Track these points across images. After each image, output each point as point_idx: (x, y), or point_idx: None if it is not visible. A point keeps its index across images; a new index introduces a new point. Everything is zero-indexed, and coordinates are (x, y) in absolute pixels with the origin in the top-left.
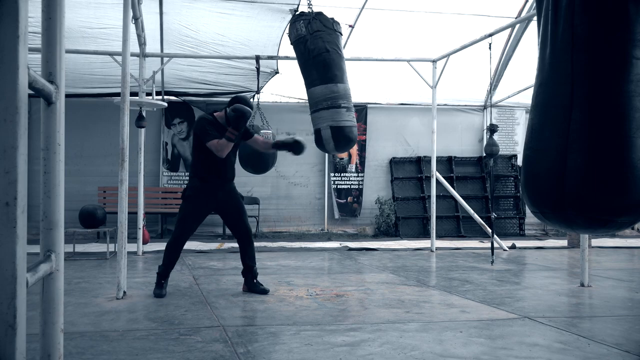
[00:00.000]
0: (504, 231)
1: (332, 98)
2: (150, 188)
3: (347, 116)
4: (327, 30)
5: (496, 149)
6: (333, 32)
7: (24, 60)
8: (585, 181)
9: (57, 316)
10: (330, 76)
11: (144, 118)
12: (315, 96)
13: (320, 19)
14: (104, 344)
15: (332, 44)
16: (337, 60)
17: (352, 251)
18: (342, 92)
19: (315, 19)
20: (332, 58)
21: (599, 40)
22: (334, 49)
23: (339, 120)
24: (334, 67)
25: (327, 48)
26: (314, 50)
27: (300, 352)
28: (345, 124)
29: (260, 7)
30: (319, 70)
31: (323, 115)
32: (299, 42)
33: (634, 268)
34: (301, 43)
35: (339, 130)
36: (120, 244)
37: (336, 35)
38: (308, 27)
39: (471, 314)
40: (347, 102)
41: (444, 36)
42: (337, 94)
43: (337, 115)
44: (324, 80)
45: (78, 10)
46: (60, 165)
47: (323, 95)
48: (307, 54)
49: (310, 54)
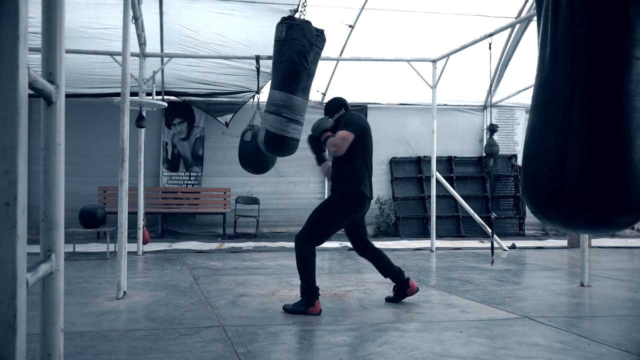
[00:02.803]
0: (504, 231)
1: (279, 105)
2: (150, 188)
3: (285, 126)
4: (304, 41)
5: (496, 149)
6: (309, 45)
7: (24, 60)
8: (585, 181)
9: (57, 316)
10: (287, 85)
11: (144, 118)
12: (270, 98)
13: (303, 27)
14: (104, 344)
15: (300, 56)
16: (299, 72)
17: (352, 251)
18: (289, 103)
19: (299, 26)
20: (295, 69)
21: (599, 40)
22: (301, 61)
23: (277, 128)
24: (292, 78)
25: (294, 59)
26: (283, 55)
27: (300, 352)
28: (280, 132)
29: (260, 7)
30: (280, 76)
31: (267, 118)
32: (277, 43)
33: (634, 268)
34: (277, 45)
35: (273, 136)
36: (120, 244)
37: (311, 49)
38: (288, 32)
39: (471, 314)
40: (292, 114)
41: (444, 36)
42: (285, 103)
43: (276, 122)
44: (281, 87)
45: (78, 10)
46: (60, 165)
47: (274, 99)
48: (278, 57)
49: (280, 58)
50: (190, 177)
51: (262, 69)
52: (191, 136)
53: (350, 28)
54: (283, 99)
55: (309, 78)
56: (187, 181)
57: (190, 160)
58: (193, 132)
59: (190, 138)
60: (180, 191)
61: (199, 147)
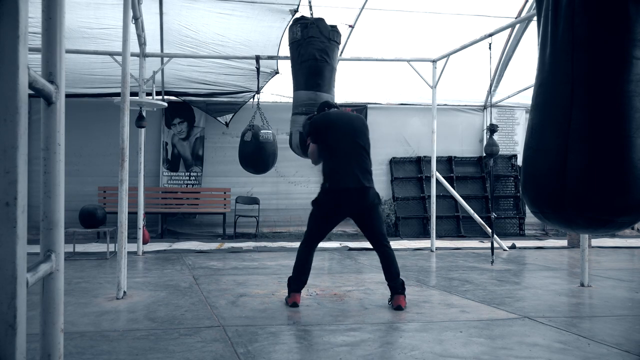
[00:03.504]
0: (504, 231)
1: (309, 105)
2: (150, 188)
3: None
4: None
5: (496, 149)
6: (327, 40)
7: (24, 60)
8: (585, 181)
9: (57, 316)
10: (313, 84)
11: (144, 118)
12: (297, 100)
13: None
14: (104, 344)
15: (322, 52)
16: (323, 69)
17: (352, 251)
18: (318, 100)
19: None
20: (318, 66)
21: (599, 40)
22: (323, 58)
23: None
24: (318, 76)
25: (315, 56)
26: (303, 55)
27: (300, 352)
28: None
29: (260, 7)
30: (304, 76)
31: (297, 120)
32: (293, 45)
33: (634, 268)
34: (295, 47)
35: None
36: (120, 244)
37: (330, 44)
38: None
39: (471, 314)
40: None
41: (444, 36)
42: (315, 101)
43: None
44: (307, 87)
45: (78, 10)
46: (60, 165)
47: (302, 100)
48: (297, 58)
49: (300, 58)
50: (190, 177)
51: (262, 69)
52: (191, 136)
53: (350, 28)
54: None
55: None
56: (187, 181)
57: (190, 160)
58: (193, 132)
59: (190, 138)
60: (180, 191)
61: (199, 147)
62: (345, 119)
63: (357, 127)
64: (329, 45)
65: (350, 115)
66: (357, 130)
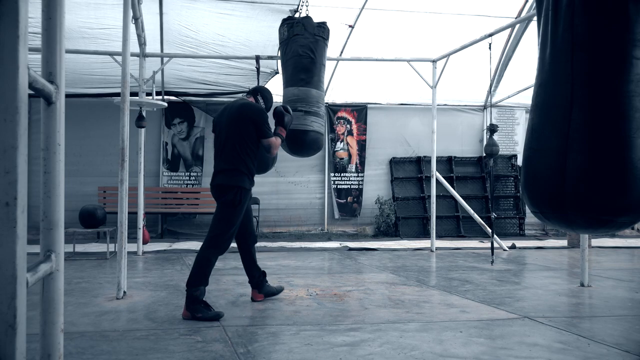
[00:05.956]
0: (504, 231)
1: (293, 100)
2: (150, 188)
3: (303, 120)
4: (306, 34)
5: (496, 149)
6: (312, 36)
7: (24, 60)
8: (585, 181)
9: (57, 316)
10: (297, 79)
11: (144, 118)
12: (284, 97)
13: (303, 22)
14: (104, 344)
15: (305, 48)
16: (307, 64)
17: (352, 251)
18: (302, 96)
19: (299, 22)
20: (302, 62)
21: (599, 40)
22: (307, 53)
23: (295, 123)
24: (302, 71)
25: (299, 52)
26: (288, 53)
27: (300, 352)
28: (299, 127)
29: (260, 7)
30: (289, 72)
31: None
32: (282, 44)
33: (634, 268)
34: (283, 46)
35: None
36: (120, 244)
37: (314, 40)
38: (290, 31)
39: (471, 314)
40: (309, 106)
41: (444, 36)
42: (298, 97)
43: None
44: (292, 83)
45: (78, 10)
46: (60, 165)
47: (287, 96)
48: (284, 56)
49: (286, 57)
50: (190, 177)
51: (262, 69)
52: (191, 136)
53: (350, 28)
54: (295, 92)
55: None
56: (187, 181)
57: (190, 160)
58: (193, 132)
59: (190, 138)
60: (180, 191)
61: (199, 147)
62: (227, 111)
63: (233, 116)
64: (313, 41)
65: (233, 104)
66: (232, 120)
